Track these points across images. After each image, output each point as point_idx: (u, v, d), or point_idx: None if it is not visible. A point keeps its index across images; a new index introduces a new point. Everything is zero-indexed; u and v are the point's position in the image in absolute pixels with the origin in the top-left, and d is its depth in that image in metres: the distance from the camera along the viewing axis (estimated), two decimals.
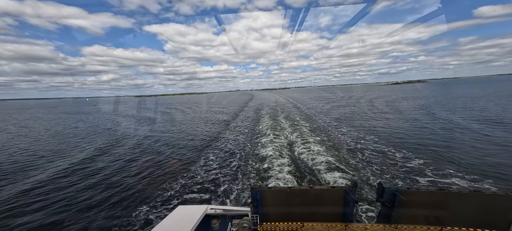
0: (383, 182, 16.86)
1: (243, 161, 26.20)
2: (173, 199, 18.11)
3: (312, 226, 8.47)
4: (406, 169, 21.52)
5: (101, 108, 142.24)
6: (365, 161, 24.08)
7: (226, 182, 20.81)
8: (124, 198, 18.57)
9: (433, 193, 8.55)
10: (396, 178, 19.65)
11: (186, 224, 9.18)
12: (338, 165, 22.56)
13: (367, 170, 21.51)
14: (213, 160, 27.45)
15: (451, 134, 33.72)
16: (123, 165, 26.99)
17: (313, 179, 20.16)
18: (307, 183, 19.35)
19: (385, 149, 27.79)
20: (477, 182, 18.13)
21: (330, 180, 19.48)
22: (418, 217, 8.34)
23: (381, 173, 20.81)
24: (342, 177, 19.79)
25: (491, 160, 22.52)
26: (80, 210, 16.98)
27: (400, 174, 20.48)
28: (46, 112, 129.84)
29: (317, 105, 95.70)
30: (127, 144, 37.50)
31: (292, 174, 21.09)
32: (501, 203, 7.96)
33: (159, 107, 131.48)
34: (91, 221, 15.51)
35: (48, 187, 21.09)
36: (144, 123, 65.51)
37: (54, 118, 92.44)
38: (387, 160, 23.95)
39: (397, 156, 25.06)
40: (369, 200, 15.67)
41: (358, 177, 19.95)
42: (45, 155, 32.38)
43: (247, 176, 21.79)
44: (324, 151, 27.42)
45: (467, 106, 62.29)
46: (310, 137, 34.61)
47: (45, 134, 51.24)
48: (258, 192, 9.02)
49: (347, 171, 21.28)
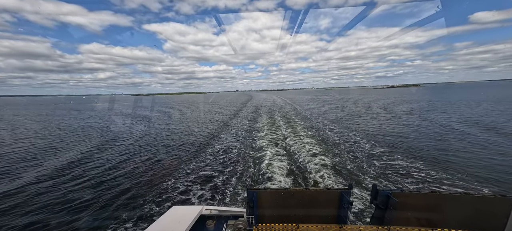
0: (378, 184, 17.09)
1: (239, 162, 26.19)
2: (167, 199, 17.94)
3: (307, 228, 8.51)
4: (400, 171, 21.80)
5: (101, 105, 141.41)
6: (361, 163, 24.32)
7: (222, 182, 20.76)
8: (115, 197, 18.29)
9: (425, 195, 8.73)
10: (390, 181, 19.90)
11: (180, 225, 8.98)
12: (334, 167, 22.76)
13: (362, 172, 21.73)
14: (209, 160, 27.35)
15: (443, 137, 34.33)
16: (116, 163, 26.67)
17: (309, 180, 20.28)
18: (303, 184, 19.43)
19: (381, 151, 28.14)
20: (469, 184, 18.48)
21: (325, 181, 19.62)
22: (410, 219, 8.49)
23: (376, 175, 21.04)
24: (338, 179, 19.95)
25: (482, 163, 23.00)
26: (70, 209, 16.67)
27: (394, 176, 20.75)
28: (53, 109, 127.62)
29: (314, 107, 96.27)
30: (121, 142, 37.07)
31: (289, 175, 21.18)
32: (491, 205, 8.15)
33: (156, 106, 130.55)
34: (81, 221, 15.23)
35: (36, 185, 20.70)
36: (140, 121, 64.89)
37: (64, 114, 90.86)
38: (382, 163, 24.23)
39: (391, 158, 25.39)
40: (364, 202, 15.83)
41: (353, 179, 20.14)
42: (47, 151, 31.80)
43: (243, 176, 21.79)
44: (320, 152, 27.61)
45: (458, 110, 63.56)
46: (307, 138, 34.80)
47: (58, 130, 50.32)
48: (254, 193, 9.03)
49: (343, 173, 21.46)
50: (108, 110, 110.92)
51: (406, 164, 23.70)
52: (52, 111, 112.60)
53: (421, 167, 22.70)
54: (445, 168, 22.10)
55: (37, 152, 32.35)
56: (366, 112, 70.60)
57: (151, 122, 64.50)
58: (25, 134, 45.98)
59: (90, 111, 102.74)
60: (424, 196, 8.68)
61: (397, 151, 28.34)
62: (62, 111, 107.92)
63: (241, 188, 19.22)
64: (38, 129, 52.91)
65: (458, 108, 69.07)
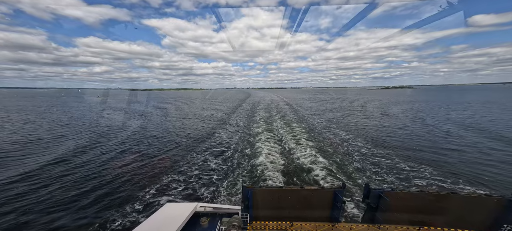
0: (370, 183, 17.43)
1: (235, 160, 26.21)
2: (161, 195, 17.86)
3: (300, 226, 8.68)
4: (393, 170, 22.14)
5: (96, 99, 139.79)
6: (354, 162, 24.63)
7: (217, 179, 20.78)
8: (109, 193, 18.15)
9: (415, 194, 9.14)
10: (382, 180, 20.26)
11: (174, 222, 8.94)
12: (329, 166, 22.97)
13: (355, 171, 22.02)
14: (205, 156, 27.29)
15: (434, 138, 35.05)
16: (111, 158, 26.40)
17: (304, 179, 20.47)
18: (298, 183, 19.59)
19: (374, 151, 28.50)
20: (456, 184, 19.01)
21: (320, 180, 19.83)
22: (399, 218, 8.82)
23: (369, 174, 21.39)
24: (332, 178, 20.19)
25: (468, 164, 23.60)
26: (65, 204, 16.49)
27: (387, 175, 21.10)
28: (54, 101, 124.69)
29: (312, 105, 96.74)
30: (116, 137, 36.63)
31: (284, 174, 21.32)
32: (475, 204, 8.62)
33: (154, 102, 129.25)
34: (75, 217, 15.09)
35: (31, 180, 20.39)
36: (136, 117, 64.15)
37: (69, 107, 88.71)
38: (375, 162, 24.56)
39: (384, 158, 25.72)
40: (356, 201, 16.11)
41: (347, 178, 20.41)
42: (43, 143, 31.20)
43: (239, 174, 21.84)
44: (315, 152, 27.82)
45: (448, 113, 64.95)
46: (302, 138, 35.02)
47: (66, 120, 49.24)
48: (249, 191, 9.12)
49: (337, 172, 21.71)
50: (101, 103, 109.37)
51: (399, 162, 24.02)
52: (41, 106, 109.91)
53: (414, 165, 23.10)
54: (436, 167, 22.56)
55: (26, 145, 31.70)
56: (361, 112, 71.46)
57: (147, 117, 63.84)
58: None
59: (85, 104, 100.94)
60: (414, 195, 9.09)
61: (389, 149, 28.71)
62: (62, 107, 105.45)
63: (237, 185, 19.29)
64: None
65: (450, 110, 70.56)
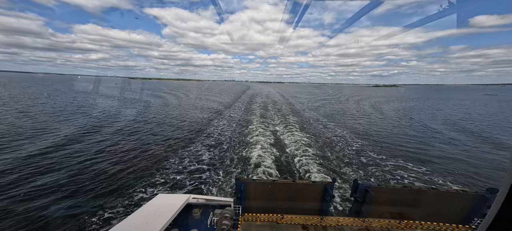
0: (358, 178, 18.11)
1: (229, 151, 26.45)
2: (153, 186, 17.91)
3: (291, 218, 9.05)
4: (381, 166, 22.86)
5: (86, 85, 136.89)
6: (345, 158, 25.24)
7: (210, 171, 20.98)
8: (100, 182, 17.99)
9: (397, 189, 9.79)
10: (371, 174, 20.97)
11: (166, 212, 9.00)
12: (321, 161, 23.52)
13: (346, 167, 22.63)
14: (198, 148, 27.42)
15: (421, 135, 36.24)
16: (102, 147, 26.13)
17: (296, 172, 20.94)
18: (290, 177, 19.99)
19: (365, 147, 29.21)
20: (436, 179, 19.91)
21: (311, 174, 20.33)
22: (383, 211, 9.42)
23: (358, 169, 21.98)
24: (323, 172, 20.72)
25: (451, 160, 24.66)
26: (55, 194, 16.37)
27: (375, 171, 21.79)
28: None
29: (306, 97, 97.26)
30: (109, 126, 36.28)
31: (277, 167, 21.73)
32: (452, 199, 9.31)
33: (154, 91, 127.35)
34: (65, 206, 14.94)
35: (25, 167, 20.23)
36: (132, 105, 63.32)
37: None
38: (364, 158, 25.23)
39: (373, 154, 26.43)
40: (345, 196, 16.71)
41: (338, 173, 20.98)
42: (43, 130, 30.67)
43: (232, 166, 22.12)
44: (308, 146, 28.33)
45: (435, 112, 66.59)
46: (296, 132, 35.48)
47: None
48: (242, 183, 9.37)
49: (328, 167, 22.26)
50: (92, 92, 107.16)
51: (386, 158, 24.72)
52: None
53: (401, 161, 23.92)
54: (422, 163, 23.54)
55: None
56: (355, 109, 72.44)
57: (142, 106, 63.11)
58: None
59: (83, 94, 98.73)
60: (397, 190, 9.66)
61: (378, 145, 29.48)
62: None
63: (229, 177, 19.55)
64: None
65: (437, 109, 72.18)
